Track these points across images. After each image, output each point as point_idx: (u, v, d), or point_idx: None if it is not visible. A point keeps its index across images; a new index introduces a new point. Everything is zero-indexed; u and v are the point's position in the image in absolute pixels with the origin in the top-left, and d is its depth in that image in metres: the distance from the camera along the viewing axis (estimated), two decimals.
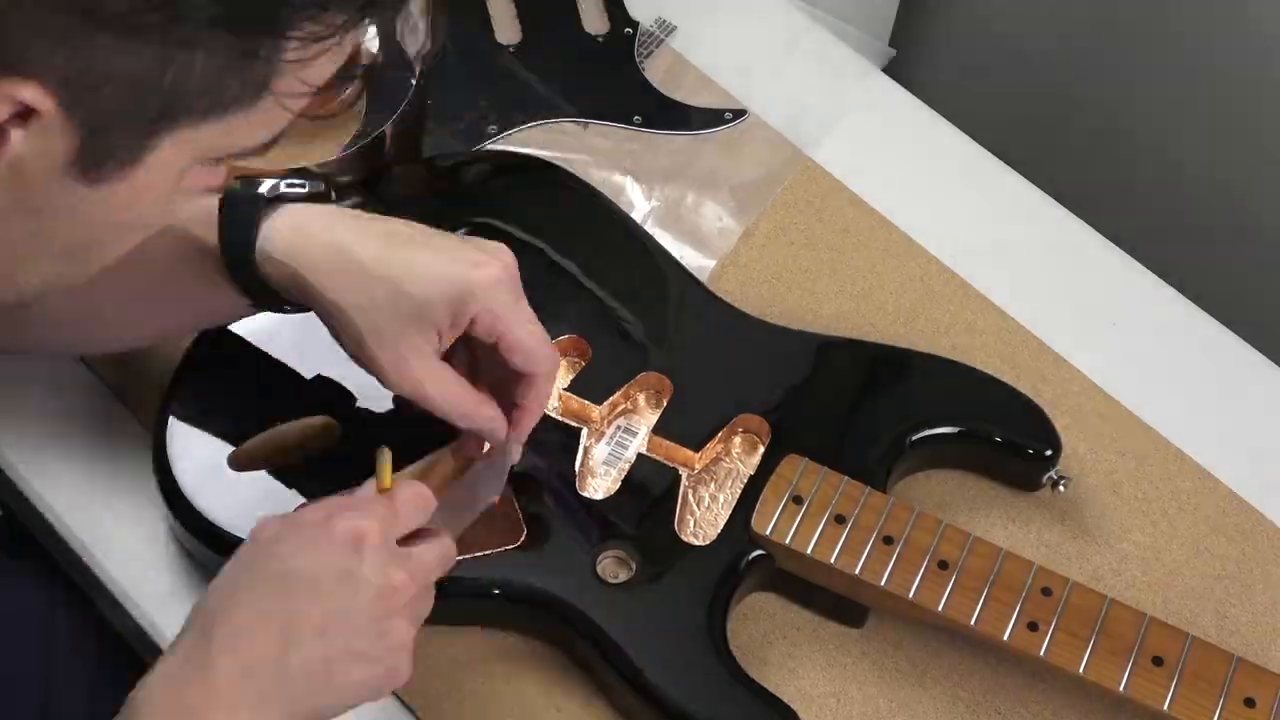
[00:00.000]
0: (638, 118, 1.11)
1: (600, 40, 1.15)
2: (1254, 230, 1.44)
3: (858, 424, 0.94)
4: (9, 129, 0.60)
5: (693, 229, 1.06)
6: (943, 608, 0.86)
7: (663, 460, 0.92)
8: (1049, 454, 0.93)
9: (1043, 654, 0.84)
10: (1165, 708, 0.83)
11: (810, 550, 0.87)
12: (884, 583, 0.86)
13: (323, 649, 0.72)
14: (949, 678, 0.90)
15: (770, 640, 0.90)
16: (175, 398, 0.91)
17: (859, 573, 0.87)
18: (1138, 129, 1.49)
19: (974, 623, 0.85)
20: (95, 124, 0.61)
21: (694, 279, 0.99)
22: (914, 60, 1.57)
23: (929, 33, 1.60)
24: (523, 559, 0.87)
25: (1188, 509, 0.96)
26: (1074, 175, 1.33)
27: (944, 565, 0.87)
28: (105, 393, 0.97)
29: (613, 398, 0.94)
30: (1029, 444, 0.94)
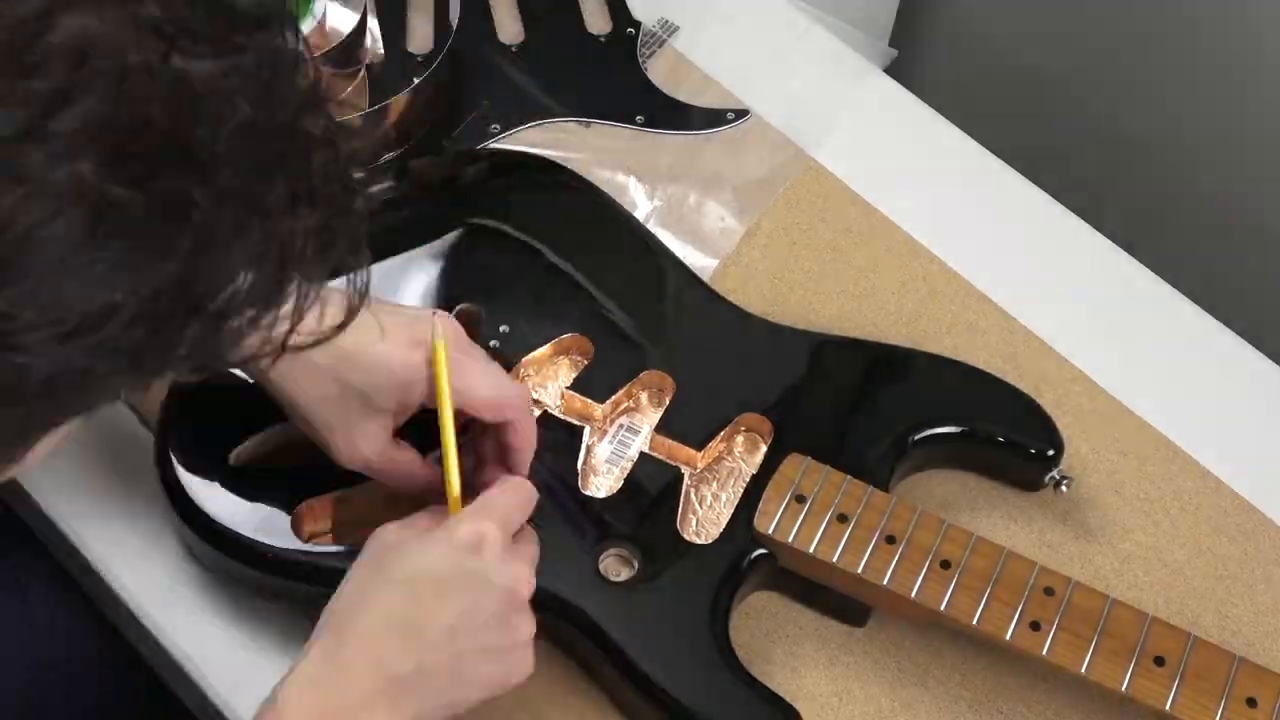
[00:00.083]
0: (640, 117, 1.11)
1: (603, 40, 1.15)
2: (1254, 230, 1.44)
3: (860, 424, 0.94)
4: None
5: (695, 229, 1.06)
6: (945, 607, 0.86)
7: (665, 459, 0.92)
8: (1051, 454, 0.93)
9: (1045, 654, 0.84)
10: (1167, 708, 0.83)
11: (813, 549, 0.87)
12: (886, 582, 0.86)
13: (452, 647, 0.74)
14: (951, 677, 0.90)
15: (773, 639, 0.90)
16: (178, 395, 0.91)
17: (861, 572, 0.87)
18: (1138, 129, 1.49)
19: (976, 622, 0.85)
20: None
21: (696, 278, 0.99)
22: (915, 61, 1.57)
23: (930, 33, 1.60)
24: None
25: (1190, 509, 0.96)
26: (1075, 175, 1.33)
27: (946, 565, 0.87)
28: None
29: (615, 396, 0.94)
30: (1031, 444, 0.94)
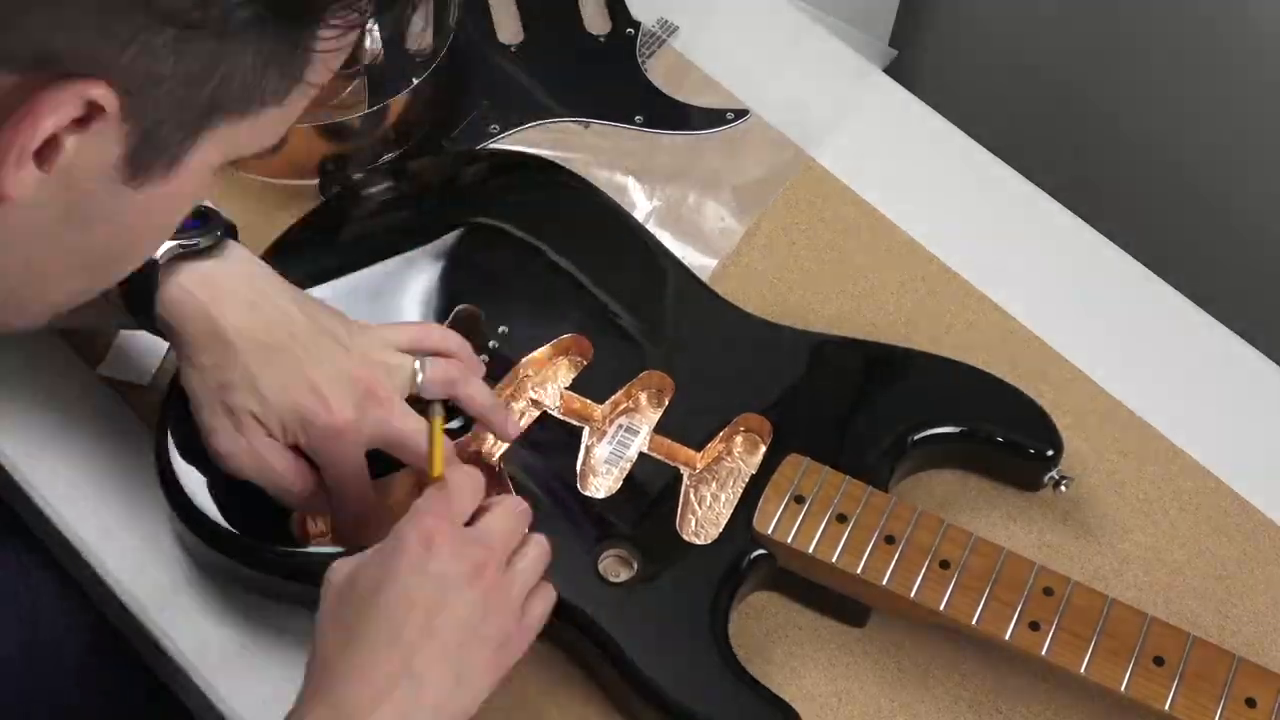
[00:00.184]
0: (639, 118, 1.11)
1: (602, 40, 1.15)
2: (1254, 230, 1.44)
3: (859, 424, 0.93)
4: (63, 136, 0.59)
5: (694, 229, 1.06)
6: (944, 607, 0.86)
7: (664, 459, 0.92)
8: (1050, 454, 0.93)
9: (1044, 654, 0.84)
10: (1166, 708, 0.83)
11: (812, 549, 0.87)
12: (886, 582, 0.86)
13: (438, 646, 0.74)
14: (950, 677, 0.90)
15: (772, 639, 0.90)
16: (177, 395, 0.91)
17: (861, 572, 0.87)
18: (1138, 128, 1.49)
19: (975, 622, 0.85)
20: (149, 124, 0.60)
21: (696, 278, 0.99)
22: (915, 60, 1.57)
23: (930, 33, 1.60)
24: None
25: (1189, 509, 0.96)
26: (1075, 175, 1.33)
27: (945, 565, 0.87)
28: (107, 390, 0.97)
29: (614, 397, 0.94)
30: (1031, 444, 0.94)
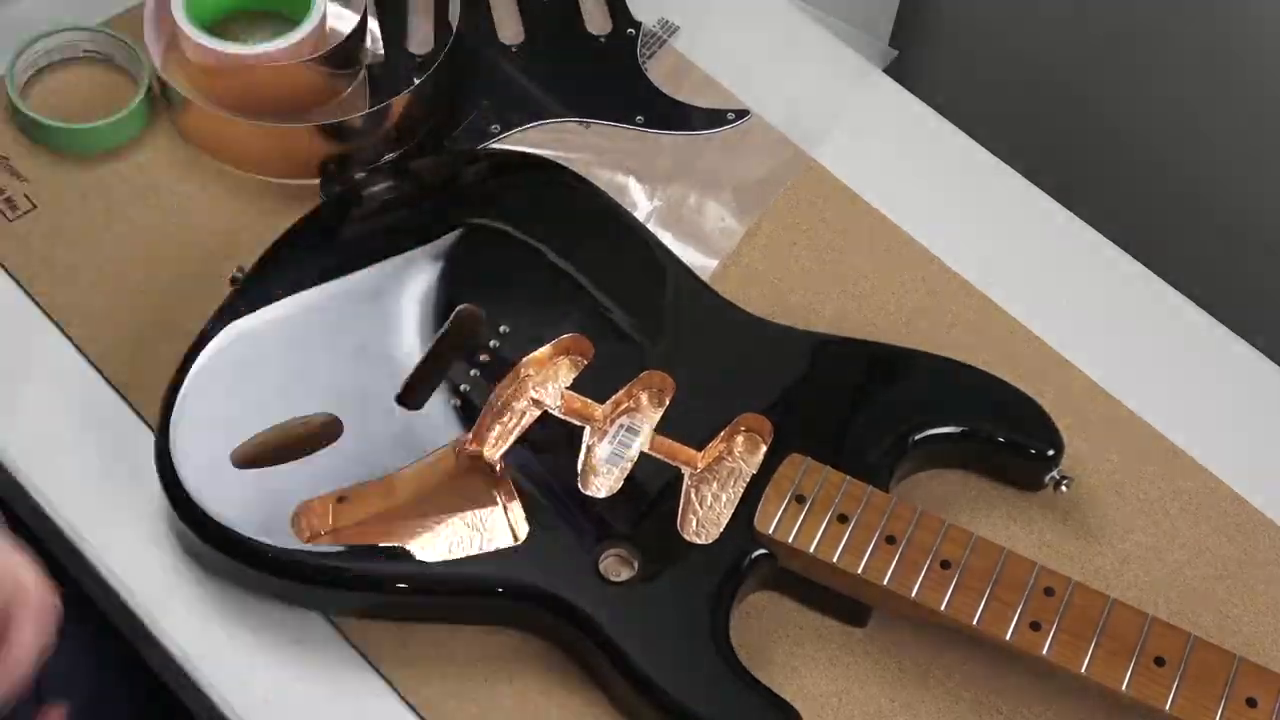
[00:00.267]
0: (640, 118, 1.11)
1: (603, 40, 1.15)
2: (1254, 230, 1.44)
3: (860, 424, 0.94)
4: None
5: (695, 229, 1.06)
6: (945, 607, 0.86)
7: (665, 459, 0.92)
8: (1051, 454, 0.93)
9: (1045, 654, 0.84)
10: (1167, 708, 0.83)
11: (813, 549, 0.87)
12: (886, 582, 0.86)
13: None
14: (951, 677, 0.90)
15: (773, 639, 0.90)
16: (177, 395, 0.91)
17: (861, 572, 0.87)
18: (1138, 128, 1.49)
19: (976, 622, 0.85)
20: None
21: (697, 278, 0.99)
22: (915, 61, 1.57)
23: (930, 33, 1.60)
24: (525, 558, 0.87)
25: (1189, 509, 0.96)
26: (1076, 175, 1.33)
27: (946, 565, 0.87)
28: (108, 389, 0.97)
29: (615, 396, 0.94)
30: (1031, 444, 0.94)
